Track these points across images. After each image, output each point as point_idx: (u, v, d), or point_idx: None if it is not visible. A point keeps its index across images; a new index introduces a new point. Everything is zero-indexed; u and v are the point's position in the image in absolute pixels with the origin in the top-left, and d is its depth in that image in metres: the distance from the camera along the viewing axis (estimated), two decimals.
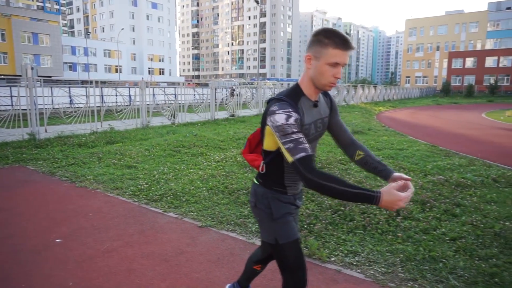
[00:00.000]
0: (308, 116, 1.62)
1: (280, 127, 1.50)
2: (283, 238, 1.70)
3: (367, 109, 22.55)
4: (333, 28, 1.55)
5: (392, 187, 1.47)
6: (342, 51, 1.50)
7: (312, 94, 1.64)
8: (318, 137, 1.77)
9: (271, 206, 1.72)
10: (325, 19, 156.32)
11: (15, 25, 46.47)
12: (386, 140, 9.59)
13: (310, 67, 1.58)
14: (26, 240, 3.41)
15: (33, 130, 9.09)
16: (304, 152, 1.47)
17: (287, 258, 1.71)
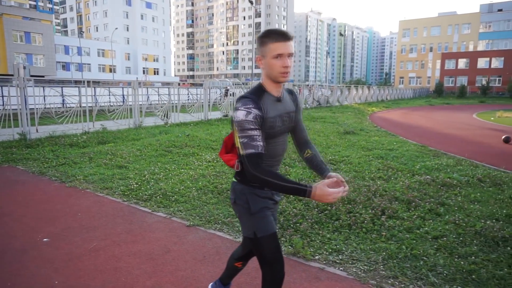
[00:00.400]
0: (272, 110, 1.73)
1: (240, 122, 1.63)
2: (261, 232, 1.77)
3: (360, 109, 22.70)
4: (272, 28, 1.71)
5: (324, 183, 1.58)
6: (281, 43, 1.64)
7: (273, 90, 1.76)
8: (286, 131, 1.86)
9: (249, 202, 1.81)
10: (319, 19, 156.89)
11: (7, 24, 46.05)
12: (377, 141, 9.69)
13: (262, 66, 1.72)
14: (13, 239, 3.42)
15: (24, 130, 9.06)
16: (253, 149, 1.62)
17: (265, 251, 1.78)
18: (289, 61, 1.67)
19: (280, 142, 1.83)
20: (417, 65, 70.59)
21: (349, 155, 7.58)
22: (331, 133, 11.06)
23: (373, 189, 4.98)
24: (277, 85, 1.76)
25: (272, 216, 1.87)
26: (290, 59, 1.68)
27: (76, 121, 10.89)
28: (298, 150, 2.02)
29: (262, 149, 1.65)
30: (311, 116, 16.42)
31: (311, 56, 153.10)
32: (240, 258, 2.20)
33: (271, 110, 1.72)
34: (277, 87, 1.76)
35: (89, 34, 77.98)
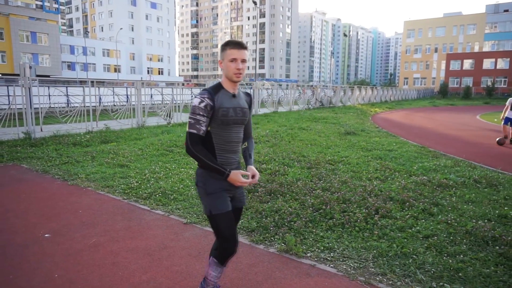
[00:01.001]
0: (227, 103, 2.10)
1: (193, 107, 2.05)
2: (216, 210, 2.08)
3: (363, 110, 22.71)
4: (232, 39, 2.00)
5: (240, 172, 2.08)
6: (236, 50, 2.06)
7: (229, 88, 2.14)
8: (240, 122, 2.16)
9: (206, 183, 2.12)
10: (324, 20, 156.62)
11: (14, 24, 46.50)
12: (377, 141, 9.75)
13: (222, 67, 2.12)
14: (16, 235, 3.54)
15: (29, 129, 9.22)
16: (195, 130, 2.04)
17: (219, 227, 2.09)
18: (241, 65, 2.06)
19: (234, 131, 2.14)
20: (422, 65, 70.27)
21: (348, 155, 7.65)
22: (332, 134, 11.12)
23: (369, 189, 5.05)
24: (233, 84, 2.14)
25: (229, 197, 2.17)
26: (243, 64, 2.07)
27: (80, 121, 11.04)
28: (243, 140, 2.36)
29: (203, 133, 2.06)
30: (313, 117, 16.48)
31: (316, 56, 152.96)
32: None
33: (225, 102, 2.09)
34: (233, 86, 2.14)
35: (94, 34, 78.47)
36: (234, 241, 2.12)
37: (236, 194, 2.26)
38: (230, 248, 2.12)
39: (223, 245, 2.13)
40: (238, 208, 2.31)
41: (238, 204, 2.30)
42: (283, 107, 21.32)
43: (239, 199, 2.30)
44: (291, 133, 11.21)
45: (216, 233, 2.13)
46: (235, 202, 2.27)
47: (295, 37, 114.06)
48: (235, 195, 2.25)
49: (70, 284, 2.67)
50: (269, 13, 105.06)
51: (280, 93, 22.16)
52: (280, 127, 12.84)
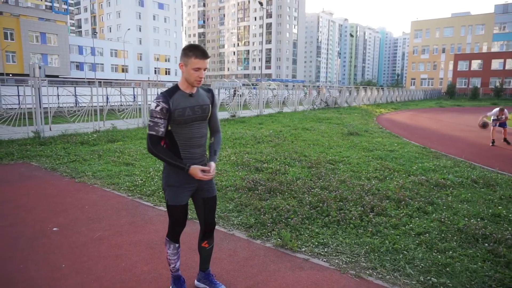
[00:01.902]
0: (183, 103, 2.26)
1: (151, 111, 2.24)
2: (171, 201, 2.37)
3: (368, 111, 22.73)
4: (195, 43, 2.25)
5: (199, 168, 2.26)
6: (201, 60, 2.20)
7: (186, 89, 2.30)
8: (199, 119, 2.33)
9: (168, 175, 2.36)
10: (331, 20, 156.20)
11: (24, 25, 47.24)
12: (379, 142, 9.83)
13: (183, 71, 2.25)
14: (26, 228, 3.74)
15: (38, 128, 9.48)
16: (154, 132, 2.22)
17: (171, 214, 2.42)
18: (203, 73, 2.24)
19: (194, 127, 2.32)
20: (429, 66, 69.82)
21: (349, 155, 7.76)
22: (335, 134, 11.23)
23: (367, 188, 5.17)
24: (192, 86, 2.30)
25: (191, 190, 2.40)
26: (204, 71, 2.24)
27: (87, 120, 11.30)
28: (211, 133, 2.54)
29: (162, 134, 2.24)
30: (317, 117, 16.57)
31: (322, 57, 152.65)
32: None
33: (181, 103, 2.26)
34: (190, 87, 2.30)
35: (102, 35, 79.28)
36: (180, 225, 2.46)
37: (202, 185, 2.45)
38: (176, 229, 2.47)
39: (170, 225, 2.47)
40: (207, 198, 2.49)
41: (206, 194, 2.48)
42: (288, 108, 21.44)
43: (207, 190, 2.48)
44: (294, 133, 11.33)
45: (169, 217, 2.46)
46: (202, 192, 2.47)
47: (301, 38, 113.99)
48: (201, 187, 2.45)
49: (76, 273, 2.85)
50: (276, 14, 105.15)
51: (285, 94, 22.27)
52: (284, 127, 12.98)
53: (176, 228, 2.47)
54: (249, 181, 5.43)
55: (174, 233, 2.48)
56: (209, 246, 2.61)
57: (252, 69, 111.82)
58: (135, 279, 2.79)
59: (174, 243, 2.49)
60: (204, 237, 2.58)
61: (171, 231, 2.48)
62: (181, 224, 2.47)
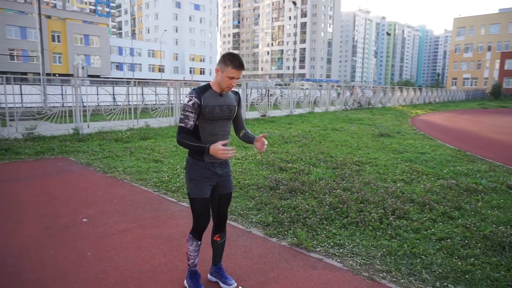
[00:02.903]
0: (213, 101, 2.39)
1: (184, 105, 2.37)
2: (193, 194, 2.45)
3: (403, 112, 22.03)
4: (235, 53, 2.34)
5: (219, 143, 2.28)
6: (237, 71, 2.33)
7: (217, 89, 2.43)
8: (226, 118, 2.46)
9: (190, 170, 2.47)
10: (368, 18, 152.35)
11: (69, 28, 50.02)
12: (411, 144, 9.53)
13: (217, 75, 2.39)
14: (59, 218, 4.02)
15: (77, 125, 10.05)
16: (184, 124, 2.35)
17: (194, 208, 2.49)
18: (235, 82, 2.39)
19: (219, 125, 2.44)
20: (473, 65, 66.30)
21: (377, 157, 7.60)
22: (365, 135, 11.01)
23: (391, 190, 5.07)
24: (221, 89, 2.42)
25: (212, 185, 2.48)
26: (236, 80, 2.38)
27: (123, 118, 11.82)
28: (237, 133, 2.67)
29: (191, 127, 2.36)
30: (349, 118, 16.30)
31: (358, 56, 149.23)
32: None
33: (212, 101, 2.39)
34: (220, 89, 2.42)
35: (141, 36, 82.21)
36: (204, 220, 2.51)
37: (220, 182, 2.55)
38: (200, 224, 2.52)
39: (195, 221, 2.53)
40: (223, 194, 2.59)
41: (224, 190, 2.58)
42: (319, 108, 21.23)
43: (224, 186, 2.58)
44: (323, 133, 11.24)
45: (192, 211, 2.52)
46: (220, 189, 2.57)
47: (337, 37, 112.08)
48: (219, 183, 2.54)
49: (99, 262, 3.04)
50: (311, 13, 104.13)
51: (317, 94, 22.06)
52: (313, 127, 12.89)
53: (201, 224, 2.51)
54: (271, 180, 5.48)
55: (198, 229, 2.53)
56: (221, 240, 2.70)
57: (286, 69, 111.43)
58: (153, 270, 2.93)
59: (197, 240, 2.56)
60: (216, 230, 2.68)
61: (195, 227, 2.54)
62: (205, 218, 2.51)
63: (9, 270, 2.87)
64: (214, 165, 2.47)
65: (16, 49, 45.66)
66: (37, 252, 3.20)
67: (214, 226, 2.69)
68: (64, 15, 54.02)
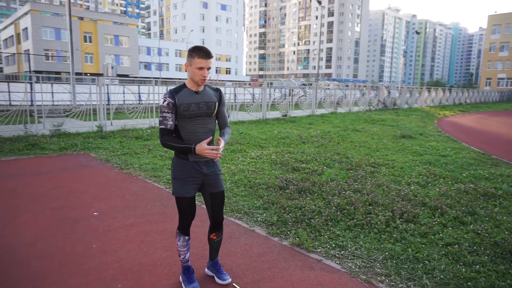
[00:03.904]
0: (187, 98, 2.42)
1: (160, 106, 2.42)
2: (176, 193, 2.51)
3: (430, 113, 21.34)
4: (200, 45, 2.39)
5: (204, 142, 2.35)
6: (204, 60, 2.34)
7: (193, 87, 2.46)
8: (204, 115, 2.47)
9: (175, 169, 2.52)
10: (397, 17, 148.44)
11: (100, 29, 51.81)
12: (433, 146, 9.24)
13: (188, 70, 2.42)
14: (72, 211, 4.20)
15: (101, 123, 10.42)
16: (164, 126, 2.39)
17: (178, 206, 2.56)
18: (206, 72, 2.38)
19: (198, 122, 2.46)
20: (509, 64, 63.15)
21: (395, 159, 7.42)
22: (386, 137, 10.77)
23: (403, 193, 4.94)
24: (197, 85, 2.44)
25: (197, 184, 2.53)
26: (208, 71, 2.38)
27: (144, 117, 12.13)
28: (219, 129, 2.67)
29: (171, 127, 2.40)
30: (371, 119, 15.97)
31: (386, 55, 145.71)
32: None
33: (186, 99, 2.41)
34: (196, 85, 2.45)
35: (169, 36, 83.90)
36: (188, 217, 2.59)
37: (207, 181, 2.56)
38: (185, 221, 2.60)
39: (180, 218, 2.62)
40: (214, 193, 2.60)
41: (213, 189, 2.59)
42: (342, 108, 20.93)
43: (213, 185, 2.59)
44: (343, 134, 11.09)
45: (178, 209, 2.60)
46: (209, 188, 2.59)
47: (364, 36, 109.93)
48: (206, 182, 2.56)
49: (103, 254, 3.16)
50: (338, 12, 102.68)
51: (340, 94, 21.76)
52: (334, 128, 12.74)
53: (185, 221, 2.59)
54: (282, 180, 5.48)
55: (183, 225, 2.61)
56: (217, 238, 2.74)
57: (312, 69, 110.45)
58: (152, 263, 3.02)
59: (184, 235, 2.63)
60: (213, 230, 2.73)
61: (181, 223, 2.62)
62: (188, 217, 2.58)
63: (19, 258, 3.04)
64: (200, 164, 2.50)
65: (51, 50, 47.80)
66: (47, 242, 3.37)
67: (211, 226, 2.73)
68: (96, 16, 55.98)
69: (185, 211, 2.55)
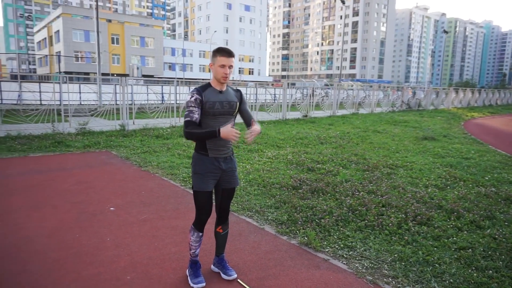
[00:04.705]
0: (213, 97, 2.52)
1: (186, 102, 2.51)
2: (196, 187, 2.58)
3: (457, 114, 20.66)
4: (223, 46, 2.55)
5: (229, 125, 2.41)
6: (225, 58, 2.47)
7: (216, 86, 2.57)
8: (226, 113, 2.57)
9: (195, 164, 2.60)
10: (426, 15, 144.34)
11: (127, 31, 53.23)
12: (456, 148, 8.97)
13: (212, 69, 2.54)
14: (90, 206, 4.37)
15: (123, 122, 10.73)
16: (189, 118, 2.45)
17: (196, 200, 2.62)
18: (228, 70, 2.49)
19: (221, 120, 2.55)
20: None
21: (414, 161, 7.27)
22: (407, 138, 10.54)
23: (419, 195, 4.85)
24: (221, 84, 2.56)
25: (215, 179, 2.59)
26: (230, 69, 2.50)
27: (166, 116, 12.40)
28: (247, 127, 2.66)
29: (196, 120, 2.47)
30: (394, 120, 15.65)
31: (413, 56, 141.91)
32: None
33: (211, 97, 2.52)
34: (220, 84, 2.56)
35: (193, 37, 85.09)
36: (206, 212, 2.63)
37: (224, 176, 2.64)
38: (202, 216, 2.64)
39: (197, 213, 2.65)
40: (227, 189, 2.67)
41: (228, 185, 2.68)
42: (364, 109, 20.60)
43: (228, 181, 2.67)
44: (363, 135, 10.94)
45: (195, 204, 2.64)
46: (224, 183, 2.65)
47: (390, 36, 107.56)
48: (223, 178, 2.64)
49: (115, 247, 3.28)
50: (363, 11, 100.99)
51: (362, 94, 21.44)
52: (354, 129, 12.58)
53: (201, 216, 2.63)
54: (296, 180, 5.49)
55: (199, 221, 2.65)
56: (223, 231, 2.80)
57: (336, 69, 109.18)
58: (161, 258, 3.11)
59: (198, 231, 2.68)
60: (219, 222, 2.79)
61: (197, 219, 2.66)
62: (206, 212, 2.62)
63: (37, 248, 3.21)
64: (219, 160, 2.59)
65: (81, 51, 49.53)
66: (64, 234, 3.53)
67: (217, 218, 2.80)
68: (123, 19, 57.52)
69: (203, 205, 2.60)
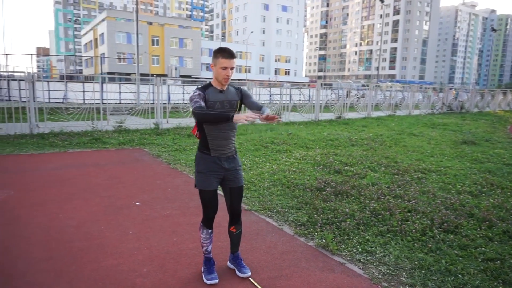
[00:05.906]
0: (213, 97, 2.56)
1: (191, 97, 2.52)
2: (199, 185, 2.65)
3: (503, 117, 19.41)
4: (224, 47, 2.55)
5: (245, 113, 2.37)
6: (227, 60, 2.48)
7: (217, 85, 2.59)
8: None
9: (198, 163, 2.66)
10: (473, 13, 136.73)
11: (167, 32, 54.93)
12: (498, 153, 8.43)
13: (213, 70, 2.56)
14: (118, 200, 4.57)
15: (157, 121, 11.10)
16: (197, 105, 2.43)
17: (201, 198, 2.70)
18: (230, 72, 2.51)
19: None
20: None
21: (449, 166, 6.93)
22: (445, 142, 10.06)
23: (449, 202, 4.62)
24: (222, 84, 2.57)
25: (218, 178, 2.64)
26: (231, 70, 2.51)
27: None
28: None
29: (204, 107, 2.47)
30: (432, 122, 14.99)
31: (459, 55, 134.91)
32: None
33: (212, 97, 2.56)
34: (221, 84, 2.58)
35: (230, 38, 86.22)
36: (211, 210, 2.71)
37: (228, 175, 2.68)
38: (208, 214, 2.72)
39: (203, 211, 2.74)
40: (233, 188, 2.71)
41: (233, 184, 2.72)
42: (401, 111, 19.90)
43: (233, 180, 2.71)
44: (396, 138, 10.58)
45: (201, 202, 2.72)
46: (229, 182, 2.69)
47: (433, 35, 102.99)
48: (227, 177, 2.68)
49: (136, 239, 3.42)
50: (405, 10, 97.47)
51: (399, 96, 20.72)
52: (388, 131, 12.19)
53: (208, 213, 2.71)
54: (321, 181, 5.42)
55: (207, 219, 2.73)
56: (236, 231, 2.84)
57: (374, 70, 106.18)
58: (179, 253, 3.20)
59: (207, 228, 2.76)
60: (232, 223, 2.84)
61: (204, 216, 2.74)
62: (211, 209, 2.71)
63: (65, 238, 3.41)
64: (221, 159, 2.64)
65: (123, 53, 51.78)
66: (91, 226, 3.72)
67: (230, 219, 2.83)
68: (163, 21, 59.44)
69: (208, 203, 2.68)
